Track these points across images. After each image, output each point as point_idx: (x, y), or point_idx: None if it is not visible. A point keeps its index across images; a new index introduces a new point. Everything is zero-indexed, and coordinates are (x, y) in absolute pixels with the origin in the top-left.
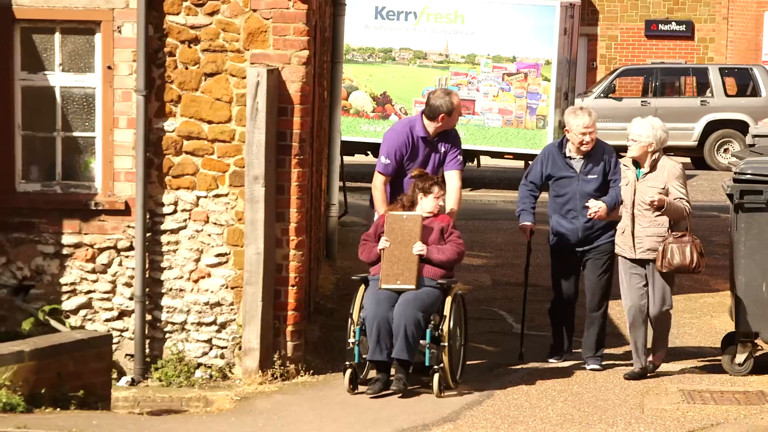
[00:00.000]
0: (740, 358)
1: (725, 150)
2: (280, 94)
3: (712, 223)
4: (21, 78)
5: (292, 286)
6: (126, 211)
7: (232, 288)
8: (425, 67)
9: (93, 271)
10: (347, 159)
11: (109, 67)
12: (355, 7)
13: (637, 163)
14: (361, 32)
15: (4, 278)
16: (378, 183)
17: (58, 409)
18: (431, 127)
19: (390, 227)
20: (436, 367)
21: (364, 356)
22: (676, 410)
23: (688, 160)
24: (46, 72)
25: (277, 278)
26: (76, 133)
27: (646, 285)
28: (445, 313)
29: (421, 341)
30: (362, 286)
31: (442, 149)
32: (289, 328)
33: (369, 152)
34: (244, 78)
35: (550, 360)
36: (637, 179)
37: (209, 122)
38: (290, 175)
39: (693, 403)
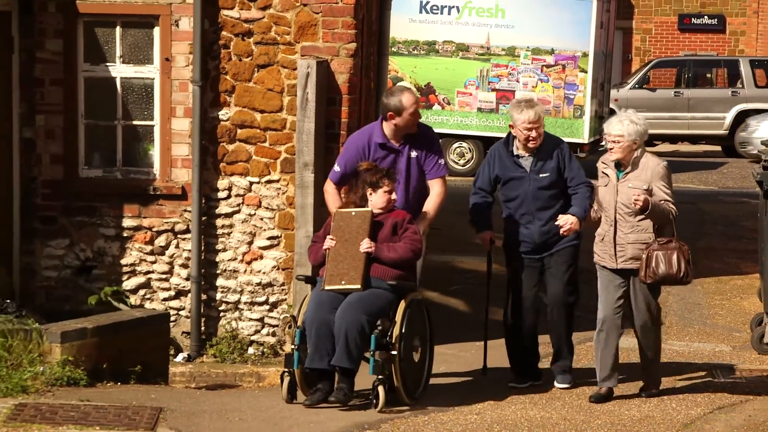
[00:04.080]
0: None
1: None
2: (329, 85)
3: (742, 208)
4: (84, 69)
5: None
6: (183, 196)
7: (283, 269)
8: (467, 59)
9: (151, 253)
10: None
11: (167, 59)
12: (401, 1)
13: (618, 163)
14: (407, 26)
15: (68, 259)
16: (327, 187)
17: (119, 384)
18: (387, 129)
19: (337, 225)
20: (381, 377)
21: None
22: (707, 387)
23: (719, 148)
24: (107, 64)
25: None
26: (135, 122)
27: (625, 299)
28: (396, 319)
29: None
30: (310, 288)
31: (413, 154)
32: None
33: None
34: (295, 69)
35: (511, 385)
36: (618, 179)
37: (261, 111)
38: None
39: (722, 380)
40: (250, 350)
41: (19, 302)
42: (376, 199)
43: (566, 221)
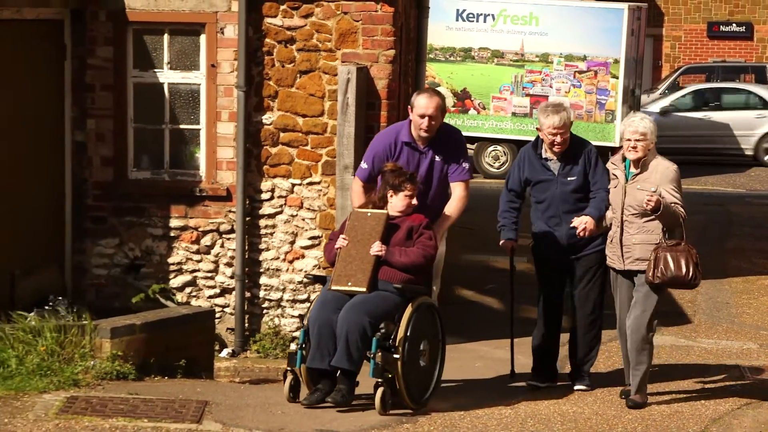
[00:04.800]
0: None
1: None
2: (369, 90)
3: None
4: (133, 75)
5: None
6: (227, 197)
7: (324, 268)
8: (502, 65)
9: (197, 252)
10: None
11: (213, 65)
12: (438, 9)
13: (628, 164)
14: (443, 33)
15: (118, 258)
16: (354, 186)
17: (166, 378)
18: (415, 132)
19: (351, 224)
20: (380, 381)
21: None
22: (735, 383)
23: None
24: (155, 70)
25: None
26: (182, 126)
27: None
28: (401, 323)
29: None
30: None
31: (437, 158)
32: None
33: None
34: (336, 75)
35: (530, 383)
36: (627, 181)
37: (303, 116)
38: None
39: (750, 376)
40: (292, 346)
41: (71, 299)
42: (396, 202)
43: (581, 222)
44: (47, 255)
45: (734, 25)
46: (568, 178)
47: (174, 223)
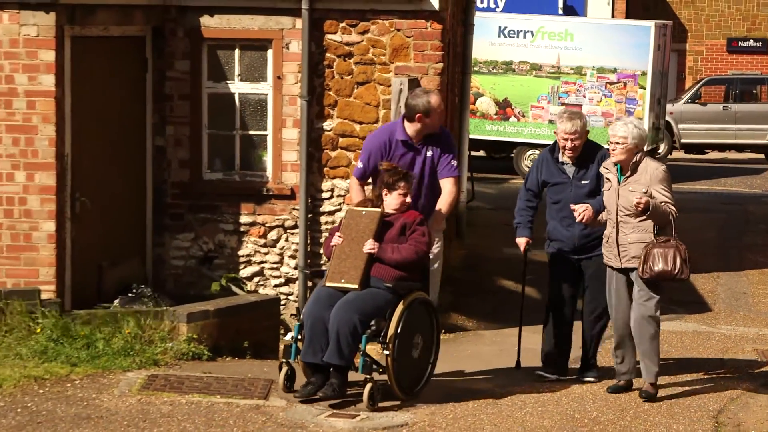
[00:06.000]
0: None
1: None
2: None
3: None
4: (207, 86)
5: None
6: (292, 196)
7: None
8: (540, 77)
9: (264, 246)
10: (474, 154)
11: (279, 78)
12: (482, 27)
13: (619, 168)
14: (487, 48)
15: (193, 251)
16: (352, 184)
17: (236, 358)
18: (411, 129)
19: (347, 222)
20: (369, 377)
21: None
22: (752, 366)
23: (762, 155)
24: (227, 81)
25: None
26: (251, 132)
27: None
28: (392, 320)
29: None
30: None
31: (429, 153)
32: None
33: (491, 153)
34: (389, 86)
35: (539, 374)
36: (619, 183)
37: (360, 122)
38: None
39: (766, 358)
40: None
41: (151, 288)
42: (390, 200)
43: (581, 207)
44: (130, 248)
45: (751, 41)
46: (582, 182)
47: (243, 219)
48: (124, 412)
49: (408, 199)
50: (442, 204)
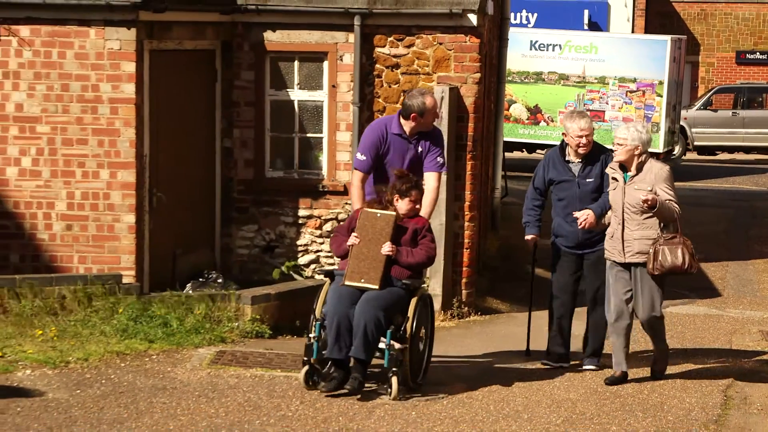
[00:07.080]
0: None
1: None
2: (459, 106)
3: None
4: (270, 94)
5: (466, 248)
6: (344, 192)
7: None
8: (567, 86)
9: (320, 236)
10: (508, 155)
11: (333, 86)
12: (515, 41)
13: (623, 167)
14: (519, 59)
15: (257, 241)
16: (355, 180)
17: (294, 337)
18: (405, 126)
19: (362, 224)
20: (395, 369)
21: (323, 352)
22: (757, 345)
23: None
24: (287, 89)
25: (455, 243)
26: (308, 135)
27: (631, 290)
28: (408, 314)
29: (382, 342)
30: (327, 282)
31: (420, 148)
32: (464, 280)
33: (524, 149)
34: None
35: (543, 362)
36: (625, 183)
37: None
38: (465, 166)
39: None
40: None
41: (219, 273)
42: (401, 206)
43: (582, 215)
44: (201, 238)
45: (758, 53)
46: (587, 180)
47: (302, 212)
48: (196, 384)
49: (418, 206)
50: (426, 204)
